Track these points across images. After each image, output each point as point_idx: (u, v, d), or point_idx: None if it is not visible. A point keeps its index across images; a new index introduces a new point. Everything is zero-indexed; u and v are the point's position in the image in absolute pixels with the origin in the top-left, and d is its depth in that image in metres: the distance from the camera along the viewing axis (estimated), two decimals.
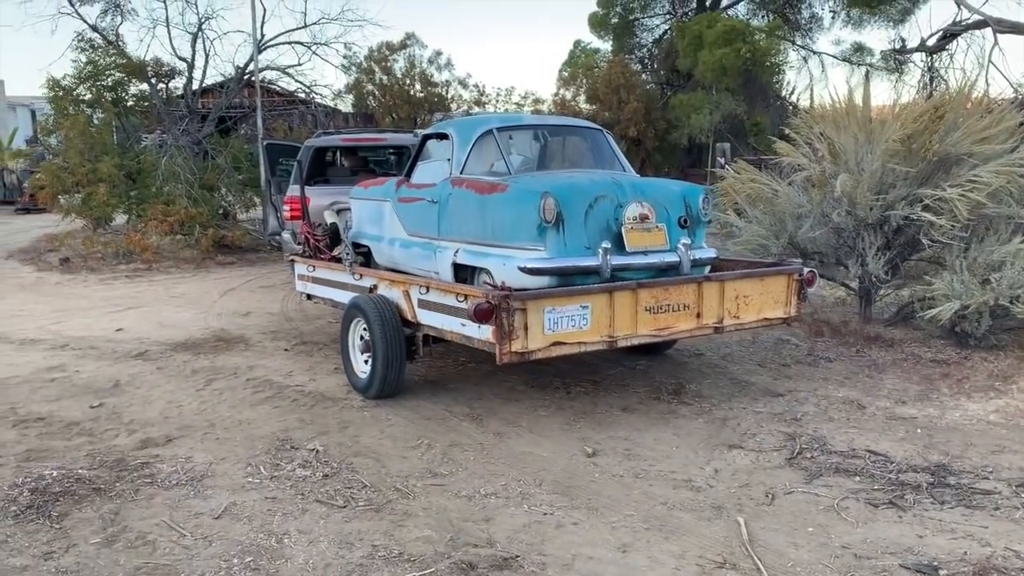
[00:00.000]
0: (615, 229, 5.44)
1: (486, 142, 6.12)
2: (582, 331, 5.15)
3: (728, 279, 5.77)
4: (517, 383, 6.47)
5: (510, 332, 4.92)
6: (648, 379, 6.56)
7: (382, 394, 6.03)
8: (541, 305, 5.00)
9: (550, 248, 5.29)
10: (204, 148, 15.88)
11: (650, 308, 5.39)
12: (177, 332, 8.60)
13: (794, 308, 6.07)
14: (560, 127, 6.86)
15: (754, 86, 26.65)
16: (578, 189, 5.47)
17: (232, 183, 15.36)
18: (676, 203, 5.71)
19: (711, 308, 5.66)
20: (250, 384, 6.57)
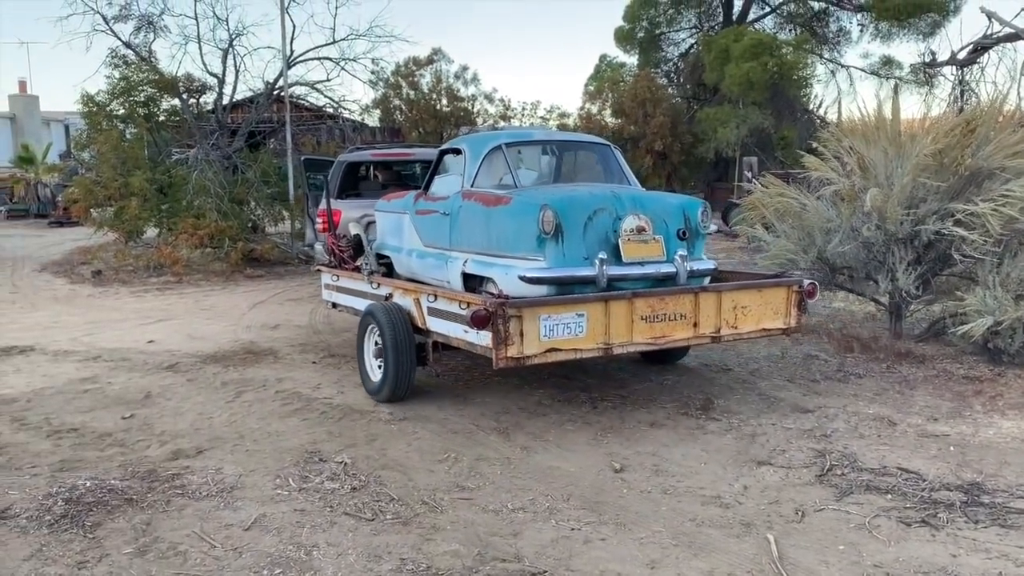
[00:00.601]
0: (613, 241, 5.65)
1: (495, 157, 6.41)
2: (578, 338, 5.34)
3: (725, 290, 5.91)
4: (544, 397, 6.47)
5: (506, 338, 5.14)
6: (676, 394, 6.53)
7: (393, 398, 6.29)
8: (536, 313, 5.21)
9: (549, 258, 5.54)
10: (234, 162, 16.06)
11: (646, 317, 5.56)
12: (207, 344, 8.69)
13: (794, 319, 6.19)
14: (568, 142, 7.08)
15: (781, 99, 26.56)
16: (577, 202, 5.69)
17: (261, 197, 15.53)
18: (675, 216, 5.90)
19: (708, 318, 5.81)
20: (279, 396, 6.62)
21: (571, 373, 7.20)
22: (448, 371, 7.34)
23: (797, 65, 26.43)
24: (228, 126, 17.54)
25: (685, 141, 28.24)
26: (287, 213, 16.04)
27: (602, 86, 31.61)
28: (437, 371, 6.81)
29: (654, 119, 27.57)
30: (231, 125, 18.24)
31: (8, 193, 31.93)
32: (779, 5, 31.20)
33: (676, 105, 31.44)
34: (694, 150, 28.34)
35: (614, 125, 30.96)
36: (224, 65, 16.93)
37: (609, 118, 31.72)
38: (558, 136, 7.24)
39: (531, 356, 5.22)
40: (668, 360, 7.44)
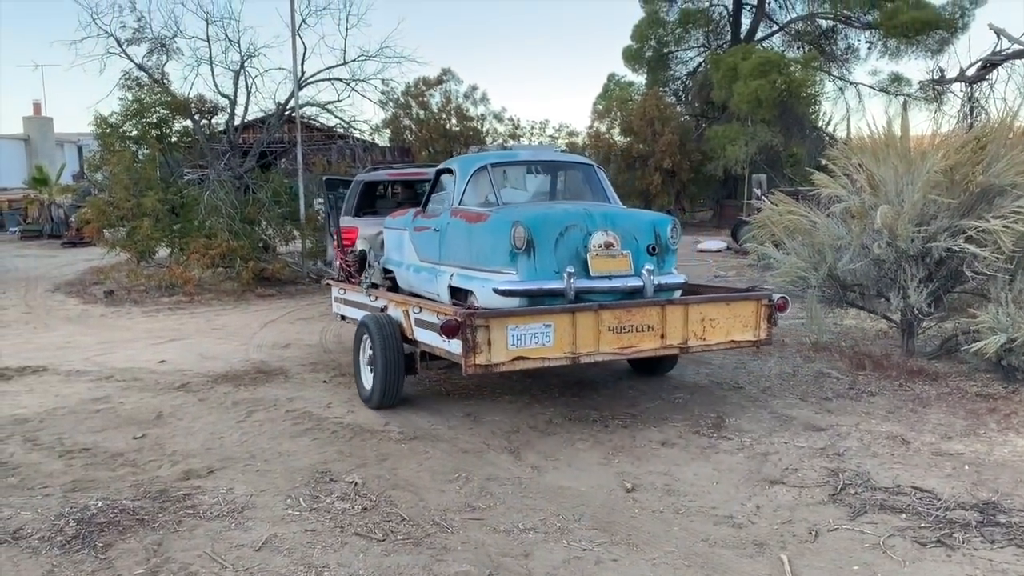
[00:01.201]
0: (583, 256, 6.03)
1: (481, 177, 6.90)
2: (545, 347, 5.69)
3: (692, 303, 6.22)
4: (554, 416, 6.46)
5: (475, 346, 5.52)
6: (687, 412, 6.51)
7: (382, 404, 6.69)
8: (504, 323, 5.60)
9: (521, 272, 5.98)
10: (245, 182, 16.16)
11: (613, 328, 5.88)
12: (218, 364, 8.72)
13: (764, 332, 6.46)
14: (552, 163, 7.54)
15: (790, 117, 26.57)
16: (549, 219, 6.09)
17: (272, 216, 15.61)
18: (644, 232, 6.26)
19: (675, 329, 6.12)
20: (290, 416, 6.63)
21: (581, 391, 7.19)
22: (457, 389, 7.34)
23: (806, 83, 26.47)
24: (240, 147, 17.65)
25: (694, 159, 28.28)
26: (298, 232, 16.09)
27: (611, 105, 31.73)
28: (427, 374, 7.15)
29: (663, 137, 27.64)
30: (243, 146, 18.36)
31: (22, 214, 32.20)
32: (787, 23, 31.32)
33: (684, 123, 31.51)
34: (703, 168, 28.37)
35: (623, 143, 31.05)
36: (236, 86, 17.07)
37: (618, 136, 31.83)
38: (544, 156, 7.64)
39: (499, 364, 5.60)
40: (658, 370, 7.74)
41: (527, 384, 7.48)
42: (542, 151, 7.95)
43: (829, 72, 30.30)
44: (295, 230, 16.13)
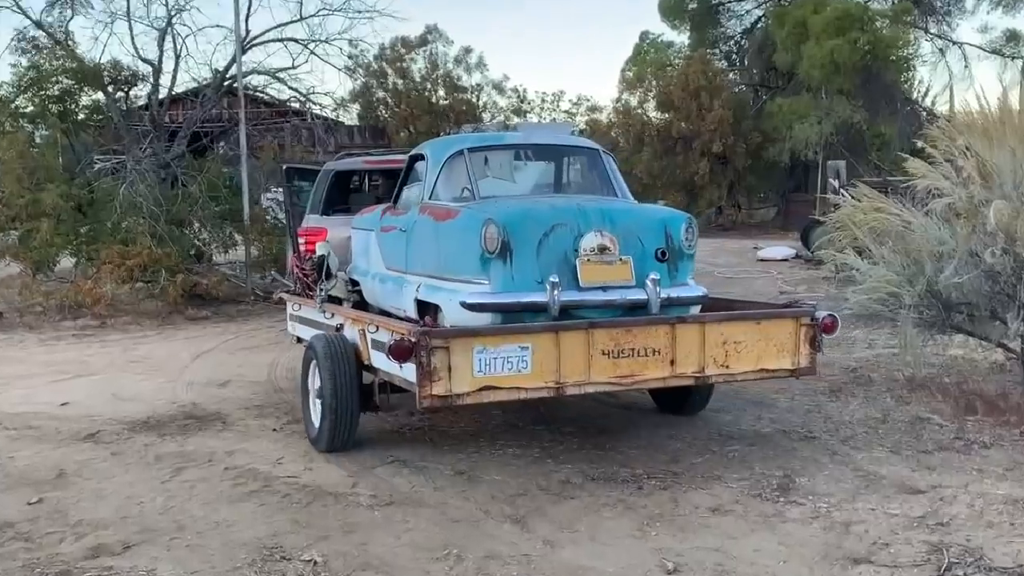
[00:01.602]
0: (572, 261, 6.21)
1: (456, 164, 7.12)
2: (521, 375, 5.85)
3: (710, 321, 6.37)
4: (572, 473, 6.46)
5: (431, 373, 5.67)
6: (745, 469, 6.50)
7: (332, 447, 6.90)
8: (469, 344, 5.74)
9: (495, 282, 6.18)
10: (173, 172, 16.25)
11: (609, 352, 6.02)
12: (137, 407, 8.72)
13: (805, 359, 6.58)
14: (547, 148, 7.83)
15: (876, 87, 26.72)
16: (530, 216, 6.32)
17: (208, 216, 15.68)
18: (652, 233, 6.45)
19: (689, 354, 6.24)
20: (229, 475, 6.62)
21: (606, 441, 7.20)
22: (446, 438, 7.34)
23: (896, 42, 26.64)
24: (166, 126, 17.76)
25: (752, 141, 28.43)
26: (241, 237, 16.15)
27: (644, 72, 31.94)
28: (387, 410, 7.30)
29: (711, 113, 27.80)
30: (169, 125, 18.45)
31: None
32: None
33: (739, 95, 31.67)
34: (763, 152, 28.50)
35: (659, 121, 31.21)
36: (161, 49, 17.21)
37: (653, 112, 32.03)
38: (537, 139, 7.87)
39: (462, 395, 5.77)
40: (685, 408, 7.87)
41: (535, 433, 7.49)
42: (546, 132, 8.13)
43: (926, 29, 30.45)
44: (237, 234, 16.20)
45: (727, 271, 18.95)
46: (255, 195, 16.96)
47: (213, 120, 19.84)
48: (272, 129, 21.13)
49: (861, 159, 26.11)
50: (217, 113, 19.75)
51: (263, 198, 18.30)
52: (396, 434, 7.57)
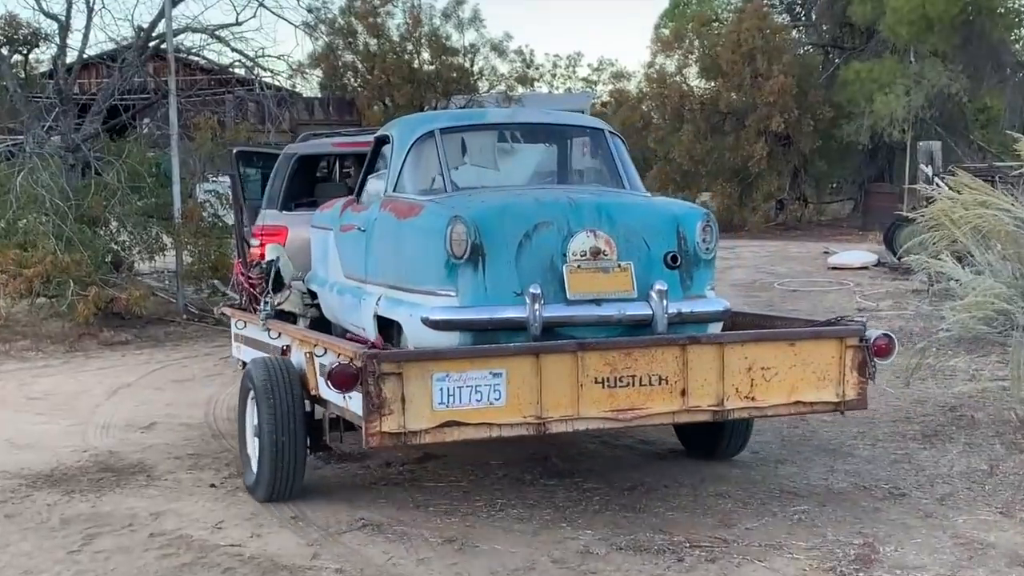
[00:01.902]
0: (560, 268, 6.36)
1: (426, 148, 7.31)
2: (493, 407, 5.96)
3: (731, 341, 6.51)
4: (593, 541, 6.44)
5: (380, 405, 5.78)
6: (813, 535, 6.49)
7: (272, 496, 7.08)
8: (428, 370, 5.89)
9: (464, 294, 6.34)
10: (84, 157, 16.22)
11: (603, 380, 6.13)
12: (38, 456, 8.68)
13: (853, 389, 6.70)
14: (539, 128, 8.09)
15: (979, 48, 26.72)
16: (509, 213, 6.49)
17: (129, 213, 15.64)
18: (660, 233, 6.59)
19: (704, 383, 6.36)
20: (155, 543, 6.60)
21: (637, 499, 7.20)
22: (433, 497, 7.31)
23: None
24: (75, 99, 17.73)
25: (821, 116, 28.43)
26: (170, 239, 16.13)
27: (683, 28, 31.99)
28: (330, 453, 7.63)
29: (769, 81, 27.79)
30: (80, 97, 18.44)
31: None
32: None
33: (805, 58, 31.68)
34: (836, 131, 28.48)
35: (704, 91, 31.23)
36: (69, 2, 17.18)
37: (695, 80, 32.06)
38: (526, 118, 8.20)
39: (419, 432, 5.89)
40: (716, 452, 7.99)
41: (546, 489, 7.48)
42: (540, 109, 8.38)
43: None
44: (166, 235, 16.17)
45: (791, 282, 18.95)
46: (189, 186, 16.92)
47: (135, 91, 19.85)
48: (210, 102, 21.11)
49: (961, 139, 26.16)
50: (141, 82, 19.76)
51: (199, 189, 18.27)
52: (369, 489, 7.54)
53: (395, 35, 33.60)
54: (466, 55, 34.23)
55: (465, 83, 33.97)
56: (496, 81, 35.60)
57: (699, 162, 29.46)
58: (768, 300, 16.98)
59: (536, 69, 38.52)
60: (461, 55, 34.12)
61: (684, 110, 30.37)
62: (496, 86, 35.60)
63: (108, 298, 14.66)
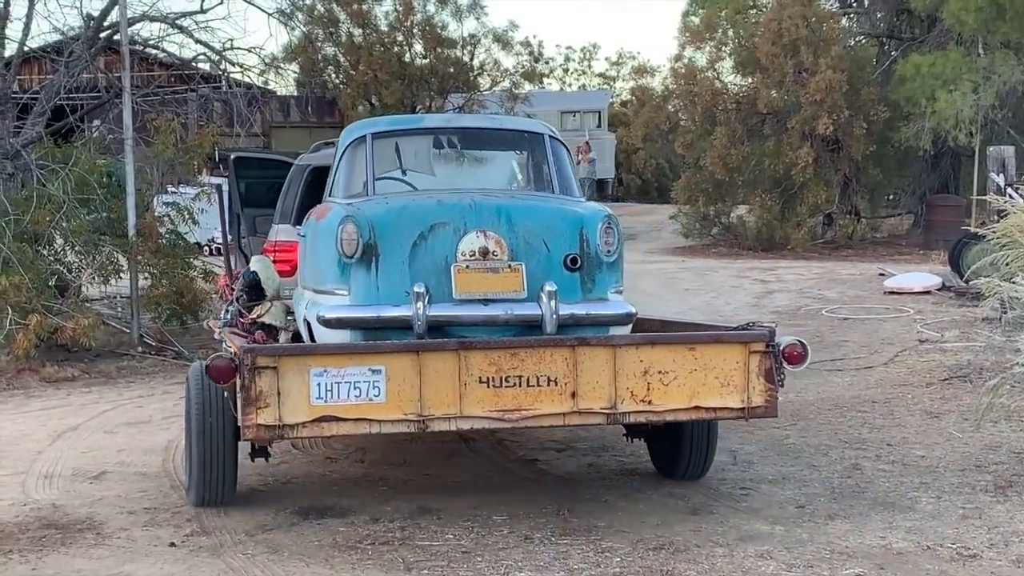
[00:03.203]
0: (451, 268, 7.45)
1: (357, 153, 8.62)
2: (373, 404, 6.84)
3: (624, 344, 7.31)
4: None
5: (255, 398, 6.69)
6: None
7: (203, 500, 8.23)
8: (305, 365, 6.80)
9: (355, 293, 7.53)
10: (25, 165, 16.25)
11: (488, 380, 6.95)
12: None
13: (760, 395, 7.40)
14: (475, 132, 9.46)
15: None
16: (405, 215, 7.66)
17: (77, 230, 15.63)
18: (561, 235, 7.65)
19: (596, 386, 7.12)
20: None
21: (663, 563, 7.16)
22: (435, 561, 7.29)
23: None
24: (15, 98, 17.76)
25: (875, 117, 28.39)
26: (125, 259, 16.12)
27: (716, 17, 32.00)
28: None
29: (816, 76, 27.76)
30: (21, 96, 18.46)
31: None
32: None
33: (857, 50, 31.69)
34: (892, 135, 28.44)
35: (739, 89, 31.22)
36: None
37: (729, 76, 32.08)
38: (464, 122, 9.67)
39: (295, 425, 6.81)
40: (676, 470, 8.90)
41: (560, 551, 7.45)
42: (427, 118, 9.60)
43: None
44: (120, 255, 16.15)
45: (840, 309, 18.91)
46: (146, 198, 16.92)
47: (84, 89, 19.87)
48: (170, 102, 21.10)
49: None
50: (90, 79, 19.75)
51: (156, 202, 18.27)
52: (354, 549, 7.50)
53: (383, 24, 33.72)
54: (465, 47, 34.30)
55: (463, 79, 34.04)
56: (499, 77, 35.70)
57: (734, 170, 29.38)
58: (815, 329, 16.95)
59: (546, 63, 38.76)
60: (459, 47, 34.20)
61: (717, 110, 30.29)
62: (499, 82, 35.69)
63: (52, 327, 14.64)
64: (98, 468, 10.02)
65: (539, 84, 38.31)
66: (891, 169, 30.52)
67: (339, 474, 9.49)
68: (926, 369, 13.57)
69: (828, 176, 29.24)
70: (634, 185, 52.30)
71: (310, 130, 33.70)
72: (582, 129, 44.89)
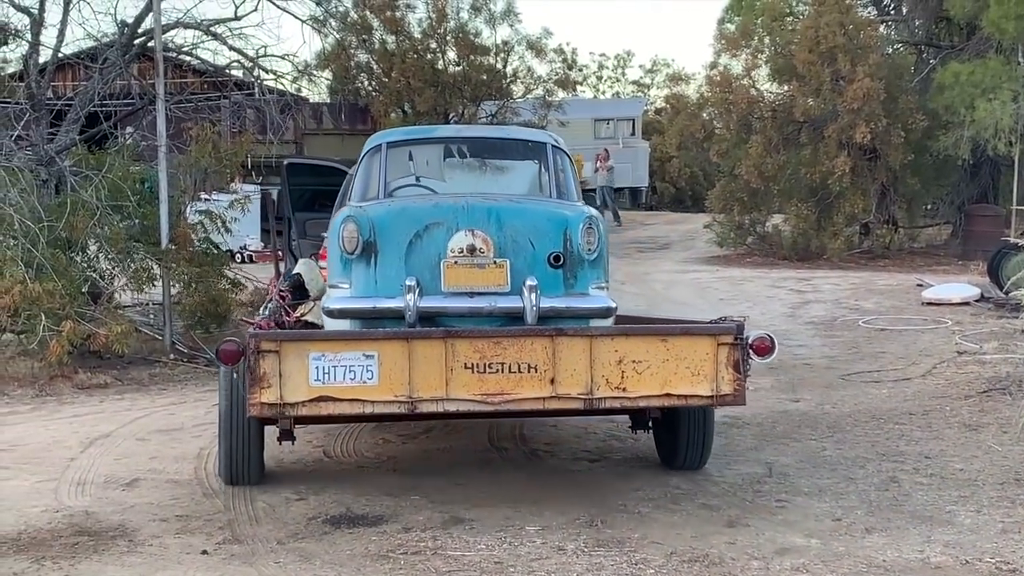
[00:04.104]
0: (441, 264, 8.32)
1: (373, 161, 9.73)
2: (366, 386, 7.59)
3: (600, 335, 7.94)
4: None
5: (260, 379, 7.47)
6: None
7: (232, 478, 9.15)
8: (304, 349, 7.57)
9: (355, 285, 8.49)
10: (59, 171, 16.30)
11: (473, 366, 7.67)
12: (2, 517, 8.71)
13: (728, 385, 7.98)
14: (483, 142, 10.47)
15: None
16: (403, 215, 8.62)
17: (112, 237, 15.64)
18: (545, 235, 8.51)
19: (574, 373, 7.78)
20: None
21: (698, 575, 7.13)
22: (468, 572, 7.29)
23: None
24: (49, 104, 17.81)
25: (913, 126, 28.22)
26: (158, 266, 16.15)
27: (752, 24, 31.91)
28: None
29: (853, 85, 27.63)
30: (55, 103, 18.52)
31: None
32: None
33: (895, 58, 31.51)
34: (930, 143, 28.27)
35: (776, 97, 31.10)
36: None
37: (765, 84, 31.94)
38: (471, 133, 10.79)
39: (295, 404, 7.58)
40: (675, 460, 9.66)
41: (594, 562, 7.45)
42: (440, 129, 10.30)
43: None
44: (153, 263, 16.18)
45: (878, 320, 18.83)
46: (179, 205, 16.93)
47: (118, 96, 19.91)
48: (203, 108, 21.12)
49: None
50: (124, 86, 19.83)
51: (189, 210, 18.27)
52: (387, 559, 7.51)
53: (416, 31, 33.65)
54: (498, 54, 34.26)
55: (496, 87, 33.99)
56: (533, 84, 35.64)
57: (770, 179, 29.24)
58: (851, 341, 16.91)
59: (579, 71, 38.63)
60: (492, 54, 34.16)
61: (752, 118, 30.22)
62: (533, 90, 35.65)
63: (85, 334, 14.64)
64: (131, 475, 10.05)
65: (572, 92, 38.22)
66: (929, 178, 30.32)
67: (370, 483, 9.45)
68: (964, 381, 13.47)
69: (865, 185, 29.07)
70: (668, 193, 52.25)
71: (343, 137, 33.75)
72: (616, 137, 44.88)
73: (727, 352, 7.97)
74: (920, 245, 31.61)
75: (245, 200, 19.59)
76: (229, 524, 8.43)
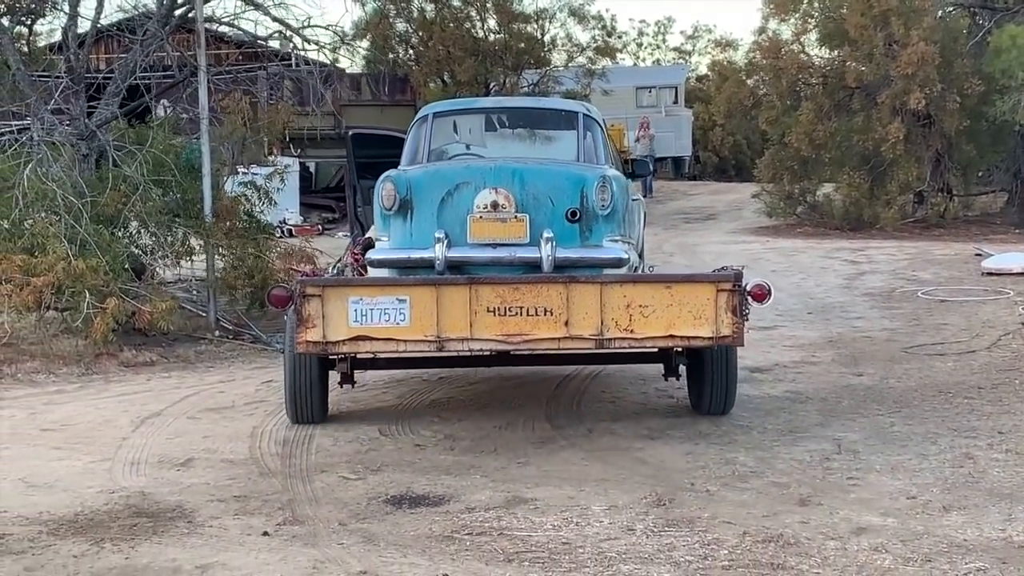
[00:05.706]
0: (467, 218, 9.49)
1: (420, 131, 10.92)
2: (399, 327, 8.75)
3: (609, 282, 9.04)
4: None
5: (307, 320, 8.69)
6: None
7: (297, 417, 10.38)
8: (344, 294, 8.81)
9: (393, 238, 9.78)
10: (100, 146, 16.30)
11: (495, 309, 8.76)
12: (59, 498, 8.74)
13: (728, 327, 8.98)
14: (521, 111, 12.00)
15: None
16: (436, 176, 9.95)
17: (152, 211, 15.64)
18: (564, 193, 9.68)
19: (586, 316, 8.84)
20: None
21: (773, 556, 7.12)
22: (534, 552, 7.25)
23: None
24: (89, 78, 17.79)
25: (969, 91, 27.96)
26: (200, 242, 16.14)
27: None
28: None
29: (907, 49, 27.39)
30: (95, 76, 18.50)
31: None
32: None
33: (949, 22, 31.22)
34: (986, 109, 28.03)
35: (826, 62, 30.90)
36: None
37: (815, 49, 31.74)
38: (511, 103, 12.46)
39: (336, 342, 8.85)
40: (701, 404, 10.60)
41: (664, 542, 7.43)
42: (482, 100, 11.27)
43: None
44: (195, 238, 16.19)
45: (937, 291, 18.69)
46: (220, 179, 16.90)
47: (157, 68, 19.90)
48: (242, 80, 21.06)
49: None
50: (163, 58, 19.81)
51: (230, 183, 18.25)
52: (451, 539, 7.50)
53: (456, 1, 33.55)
54: (538, 22, 34.16)
55: (536, 55, 33.90)
56: (573, 52, 35.52)
57: (821, 147, 29.07)
58: (911, 313, 16.79)
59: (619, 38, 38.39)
60: (532, 22, 34.06)
61: (802, 85, 30.07)
62: (574, 58, 35.54)
63: (129, 311, 14.69)
64: (184, 455, 10.05)
65: (613, 60, 38.07)
66: (985, 145, 30.08)
67: (429, 462, 9.46)
68: None
69: (919, 152, 28.88)
70: (711, 163, 51.89)
71: (381, 108, 33.72)
72: (658, 105, 44.65)
73: (726, 298, 8.95)
74: (975, 213, 31.38)
75: (284, 170, 19.62)
76: (288, 504, 8.43)
